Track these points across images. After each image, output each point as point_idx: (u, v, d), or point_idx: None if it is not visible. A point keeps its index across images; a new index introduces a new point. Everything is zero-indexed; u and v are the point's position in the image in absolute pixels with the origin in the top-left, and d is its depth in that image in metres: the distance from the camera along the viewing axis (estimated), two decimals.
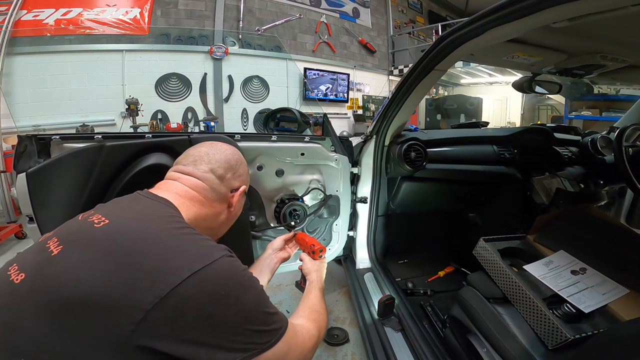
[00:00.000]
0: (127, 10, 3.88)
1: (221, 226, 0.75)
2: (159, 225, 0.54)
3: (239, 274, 0.53)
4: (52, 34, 3.48)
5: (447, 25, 6.20)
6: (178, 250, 0.49)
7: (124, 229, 0.51)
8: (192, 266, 0.47)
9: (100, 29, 3.71)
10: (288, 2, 5.18)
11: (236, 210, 0.76)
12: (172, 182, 0.68)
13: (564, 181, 1.70)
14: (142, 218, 0.55)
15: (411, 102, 1.33)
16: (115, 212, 0.56)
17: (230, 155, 0.74)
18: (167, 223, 0.55)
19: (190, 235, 0.55)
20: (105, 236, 0.50)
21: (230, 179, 0.72)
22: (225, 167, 0.72)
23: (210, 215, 0.69)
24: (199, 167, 0.69)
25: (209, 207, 0.69)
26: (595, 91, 5.16)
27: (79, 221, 0.56)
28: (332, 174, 1.40)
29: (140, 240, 0.49)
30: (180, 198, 0.64)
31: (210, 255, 0.50)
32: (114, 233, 0.50)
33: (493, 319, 0.86)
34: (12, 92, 3.22)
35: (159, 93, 4.08)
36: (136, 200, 0.61)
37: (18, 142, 0.88)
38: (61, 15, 3.53)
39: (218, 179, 0.70)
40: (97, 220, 0.52)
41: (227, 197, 0.72)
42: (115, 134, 1.03)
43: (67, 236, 0.52)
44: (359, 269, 1.59)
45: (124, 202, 0.61)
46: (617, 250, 0.96)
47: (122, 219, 0.54)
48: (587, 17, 0.68)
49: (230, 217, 0.76)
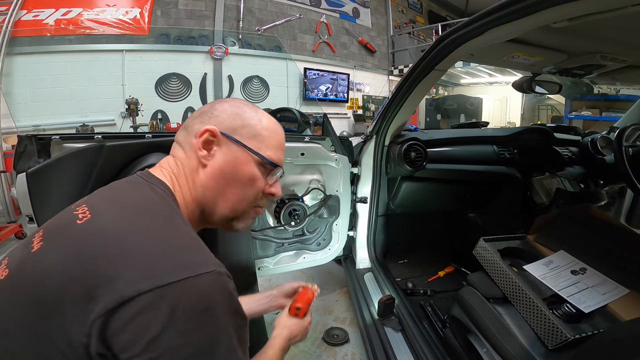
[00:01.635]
0: (127, 10, 3.88)
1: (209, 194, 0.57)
2: (141, 225, 0.46)
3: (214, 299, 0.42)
4: (52, 34, 3.48)
5: (447, 25, 6.20)
6: (151, 259, 0.42)
7: (103, 228, 0.45)
8: (157, 280, 0.39)
9: (100, 29, 3.71)
10: (288, 2, 5.18)
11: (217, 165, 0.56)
12: (168, 157, 0.60)
13: (564, 181, 1.70)
14: (126, 216, 0.48)
15: (411, 102, 1.33)
16: (103, 204, 0.50)
17: (208, 105, 0.60)
18: (152, 220, 0.48)
19: (176, 237, 0.46)
20: (81, 235, 0.45)
21: (199, 123, 0.57)
22: (201, 111, 0.59)
23: (185, 185, 0.56)
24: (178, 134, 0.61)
25: (183, 171, 0.57)
26: (595, 91, 5.16)
27: (66, 213, 0.51)
28: (332, 174, 1.40)
29: (114, 243, 0.43)
30: (173, 177, 0.56)
31: (188, 268, 0.41)
32: (91, 232, 0.45)
33: (493, 319, 0.86)
34: (12, 92, 3.22)
35: (159, 93, 4.08)
36: (132, 187, 0.54)
37: (18, 142, 0.88)
38: (61, 15, 3.53)
39: (192, 120, 0.59)
40: (81, 215, 0.47)
41: (194, 146, 0.56)
42: (115, 134, 1.03)
43: (50, 231, 0.49)
44: (359, 269, 1.59)
45: (119, 189, 0.54)
46: (617, 250, 0.96)
47: (105, 215, 0.48)
48: (587, 17, 0.68)
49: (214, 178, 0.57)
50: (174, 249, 0.44)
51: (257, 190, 0.60)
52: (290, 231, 1.39)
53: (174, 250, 0.44)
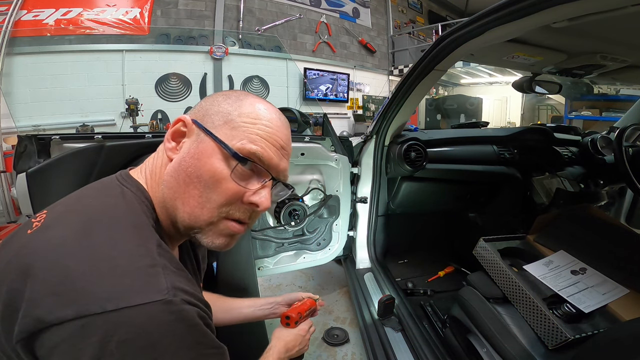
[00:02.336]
0: (127, 10, 3.88)
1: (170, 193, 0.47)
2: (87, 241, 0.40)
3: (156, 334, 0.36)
4: (52, 34, 3.47)
5: (447, 25, 6.20)
6: (81, 282, 0.36)
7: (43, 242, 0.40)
8: (84, 308, 0.34)
9: (100, 29, 3.71)
10: (288, 2, 5.18)
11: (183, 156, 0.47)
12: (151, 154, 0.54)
13: (564, 181, 1.70)
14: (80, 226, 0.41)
15: (411, 102, 1.33)
16: (60, 212, 0.45)
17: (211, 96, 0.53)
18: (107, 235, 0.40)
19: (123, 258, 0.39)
20: (20, 247, 0.41)
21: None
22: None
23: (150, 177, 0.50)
24: None
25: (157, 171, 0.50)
26: (595, 91, 5.16)
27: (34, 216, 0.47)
28: (332, 174, 1.40)
29: (44, 263, 0.38)
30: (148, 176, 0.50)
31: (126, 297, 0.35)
32: (30, 246, 0.41)
33: (493, 319, 0.86)
34: (12, 92, 3.22)
35: (159, 93, 4.08)
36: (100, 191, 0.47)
37: (18, 142, 0.88)
38: (61, 15, 3.53)
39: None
40: (35, 224, 0.44)
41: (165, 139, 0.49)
42: (115, 134, 1.03)
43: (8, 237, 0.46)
44: (359, 269, 1.59)
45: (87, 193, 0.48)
46: (617, 250, 0.96)
47: (55, 225, 0.43)
48: (587, 17, 0.68)
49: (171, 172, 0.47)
50: (113, 273, 0.37)
51: (225, 194, 0.46)
52: (290, 231, 1.39)
53: (113, 275, 0.37)
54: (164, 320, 0.36)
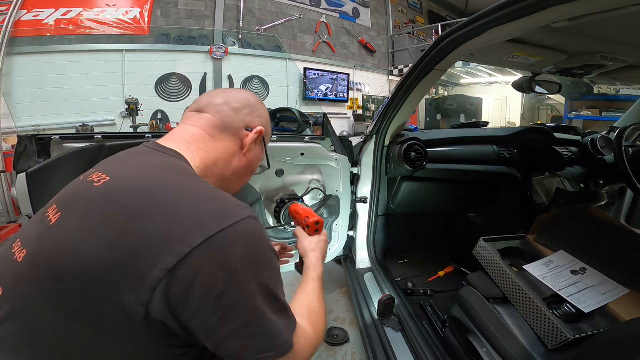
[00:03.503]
0: (127, 10, 3.88)
1: (233, 176, 0.62)
2: (167, 179, 0.45)
3: (260, 242, 0.43)
4: (52, 34, 3.47)
5: (447, 25, 6.20)
6: (191, 209, 0.40)
7: (126, 186, 0.43)
8: (205, 230, 0.38)
9: (100, 29, 3.71)
10: (288, 2, 5.17)
11: (251, 157, 0.64)
12: (181, 126, 0.60)
13: (564, 181, 1.70)
14: (148, 172, 0.47)
15: (411, 102, 1.33)
16: (117, 168, 0.48)
17: (250, 97, 0.65)
18: (176, 175, 0.47)
19: (205, 189, 0.46)
20: (105, 196, 0.42)
21: (247, 115, 0.62)
22: (242, 102, 0.63)
23: (221, 160, 0.59)
24: (211, 101, 0.62)
25: (221, 148, 0.59)
26: (595, 91, 5.15)
27: (79, 182, 0.49)
28: (332, 174, 1.40)
29: (146, 197, 0.41)
30: (186, 144, 0.56)
31: (229, 216, 0.41)
32: (114, 191, 0.42)
33: (493, 319, 0.86)
34: (12, 92, 3.22)
35: (159, 93, 4.08)
36: (141, 153, 0.53)
37: (18, 142, 0.88)
38: (61, 15, 3.53)
39: (232, 111, 0.61)
40: (97, 179, 0.45)
41: (241, 134, 0.61)
42: (115, 134, 1.03)
43: (66, 201, 0.45)
44: (359, 269, 1.59)
45: (128, 156, 0.54)
46: (617, 250, 0.96)
47: (124, 174, 0.46)
48: (587, 17, 0.68)
49: (244, 166, 0.63)
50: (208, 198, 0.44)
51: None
52: (290, 231, 1.39)
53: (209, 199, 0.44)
54: (259, 231, 0.44)
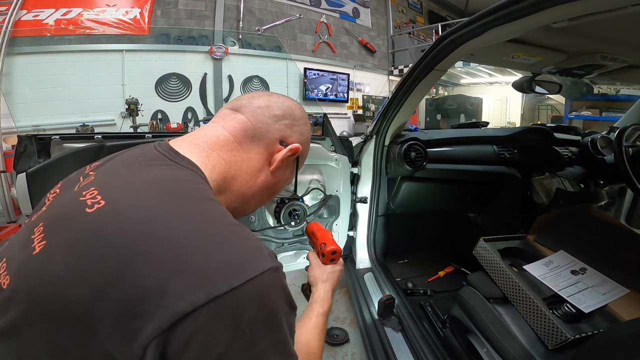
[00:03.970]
0: (127, 10, 3.88)
1: (253, 196, 0.54)
2: (175, 210, 0.37)
3: (276, 301, 0.37)
4: (52, 34, 3.47)
5: (447, 25, 6.20)
6: (197, 259, 0.34)
7: (122, 221, 0.36)
8: (212, 288, 0.32)
9: (100, 29, 3.71)
10: (288, 2, 5.17)
11: (277, 177, 0.56)
12: (212, 125, 0.53)
13: (564, 181, 1.70)
14: (152, 196, 0.39)
15: (411, 102, 1.33)
16: (116, 186, 0.41)
17: (297, 108, 0.57)
18: (187, 204, 0.39)
19: (220, 227, 0.38)
20: (96, 231, 0.35)
21: (285, 126, 0.54)
22: (285, 111, 0.54)
23: (243, 173, 0.51)
24: (252, 102, 0.53)
25: (246, 160, 0.51)
26: (595, 91, 5.16)
27: (71, 197, 0.42)
28: (332, 174, 1.40)
29: (145, 238, 0.34)
30: (208, 150, 0.48)
31: (242, 271, 0.34)
32: (108, 227, 0.36)
33: (493, 319, 0.86)
34: (12, 92, 3.22)
35: (159, 93, 4.08)
36: (149, 162, 0.45)
37: (18, 142, 0.88)
38: (61, 15, 3.53)
39: (270, 117, 0.53)
40: (90, 202, 0.38)
41: (272, 147, 0.53)
42: (115, 134, 1.04)
43: (53, 224, 0.39)
44: (359, 269, 1.59)
45: (132, 164, 0.45)
46: (617, 250, 0.96)
47: (123, 199, 0.38)
48: (587, 17, 0.68)
49: (267, 186, 0.55)
50: (222, 243, 0.36)
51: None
52: (290, 231, 1.39)
53: (222, 245, 0.36)
54: (277, 288, 0.37)
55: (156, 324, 0.31)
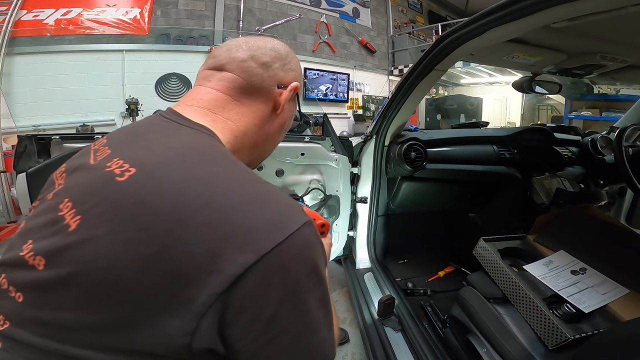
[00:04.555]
0: (127, 10, 3.88)
1: (267, 142, 0.56)
2: (206, 172, 0.37)
3: (315, 254, 0.37)
4: (52, 34, 3.47)
5: (447, 25, 6.20)
6: (239, 219, 0.34)
7: (158, 185, 0.35)
8: (259, 247, 0.32)
9: (100, 29, 3.71)
10: (288, 2, 5.18)
11: (285, 116, 0.56)
12: (199, 89, 0.51)
13: (564, 181, 1.70)
14: (181, 161, 0.38)
15: (411, 102, 1.33)
16: (140, 153, 0.40)
17: (279, 45, 0.55)
18: (215, 165, 0.39)
19: (252, 185, 0.38)
20: (135, 198, 0.34)
21: (278, 70, 0.52)
22: (271, 55, 0.52)
23: (252, 127, 0.51)
24: (234, 55, 0.51)
25: (250, 113, 0.51)
26: (595, 91, 5.16)
27: (91, 167, 0.41)
28: (332, 174, 1.40)
29: (185, 203, 0.33)
30: (211, 114, 0.48)
31: (283, 227, 0.34)
32: (147, 191, 0.35)
33: (493, 319, 0.86)
34: (12, 92, 3.22)
35: (159, 93, 4.08)
36: (163, 129, 0.45)
37: (18, 142, 0.88)
38: (61, 15, 3.53)
39: (261, 67, 0.51)
40: (118, 171, 0.37)
41: (273, 94, 0.52)
42: None
43: (82, 198, 0.37)
44: (359, 269, 1.59)
45: (146, 132, 0.44)
46: (617, 250, 0.96)
47: (152, 165, 0.37)
48: (587, 17, 0.68)
49: (278, 128, 0.56)
50: (259, 202, 0.36)
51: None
52: None
53: (260, 204, 0.36)
54: (315, 240, 0.38)
55: (211, 290, 0.31)
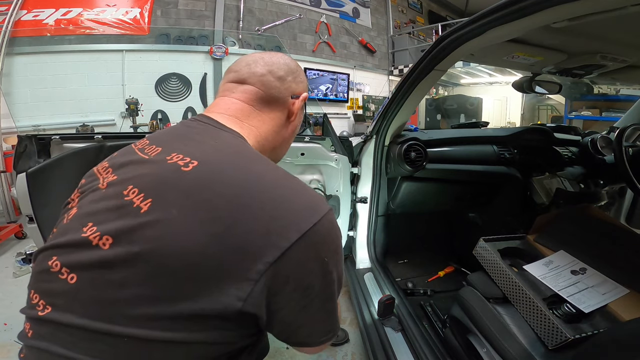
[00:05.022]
0: (127, 10, 3.88)
1: (283, 145, 0.64)
2: (256, 169, 0.44)
3: (338, 234, 0.45)
4: (52, 34, 3.48)
5: (447, 25, 6.20)
6: (285, 204, 0.41)
7: (220, 176, 0.42)
8: (301, 226, 0.39)
9: (100, 29, 3.71)
10: (288, 2, 5.18)
11: (296, 123, 0.64)
12: (225, 99, 0.57)
13: (564, 181, 1.69)
14: (233, 160, 0.45)
15: (411, 102, 1.33)
16: (194, 150, 0.45)
17: (290, 61, 0.62)
18: (257, 163, 0.46)
19: (287, 179, 0.45)
20: (202, 185, 0.40)
21: (291, 82, 0.60)
22: (285, 70, 0.60)
23: (271, 132, 0.58)
24: (253, 70, 0.58)
25: (269, 121, 0.58)
26: (595, 91, 5.16)
27: (148, 160, 0.46)
28: (332, 174, 1.40)
29: (244, 190, 0.40)
30: (239, 121, 0.54)
31: (316, 211, 0.42)
32: (212, 180, 0.41)
33: (493, 319, 0.86)
34: (12, 92, 3.22)
35: (159, 93, 4.08)
36: (206, 132, 0.51)
37: (18, 142, 0.88)
38: (61, 15, 3.53)
39: (278, 80, 0.58)
40: (181, 162, 0.42)
41: (288, 104, 0.60)
42: (115, 134, 1.03)
43: (152, 185, 0.42)
44: (359, 269, 1.59)
45: (193, 137, 0.50)
46: (617, 250, 0.96)
47: (211, 159, 0.44)
48: (587, 17, 0.68)
49: (292, 133, 0.64)
50: (296, 191, 0.44)
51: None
52: None
53: (297, 193, 0.44)
54: (336, 224, 0.45)
55: (266, 259, 0.37)
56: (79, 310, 0.38)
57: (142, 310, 0.37)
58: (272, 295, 0.39)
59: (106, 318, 0.37)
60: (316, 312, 0.44)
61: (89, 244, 0.40)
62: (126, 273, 0.37)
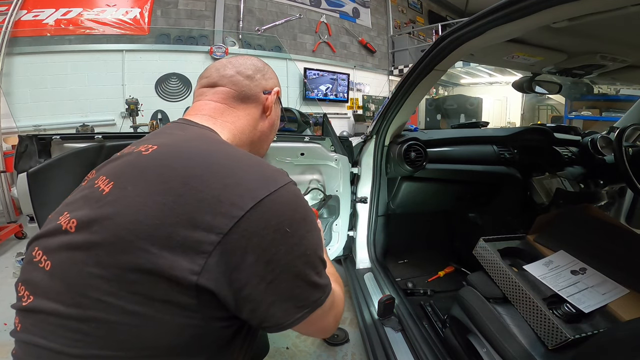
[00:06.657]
0: (127, 10, 3.88)
1: (262, 139, 0.66)
2: (212, 147, 0.47)
3: (304, 206, 0.45)
4: (52, 34, 3.48)
5: (447, 25, 6.20)
6: (239, 174, 0.41)
7: (176, 152, 0.44)
8: (255, 194, 0.39)
9: (100, 29, 3.71)
10: (288, 2, 5.18)
11: (273, 117, 0.67)
12: (199, 103, 0.61)
13: (564, 181, 1.70)
14: (192, 141, 0.48)
15: (411, 102, 1.33)
16: (162, 139, 0.49)
17: (256, 61, 0.66)
18: (218, 144, 0.49)
19: (246, 156, 0.47)
20: (157, 162, 0.43)
21: (260, 79, 0.64)
22: (252, 69, 0.64)
23: (247, 126, 0.61)
24: (223, 73, 0.62)
25: (245, 116, 0.61)
26: (595, 91, 5.16)
27: (120, 155, 0.50)
28: (332, 174, 1.41)
29: (197, 163, 0.42)
30: (212, 118, 0.57)
31: (275, 181, 0.42)
32: (167, 157, 0.43)
33: (493, 319, 0.86)
34: (12, 92, 3.22)
35: (159, 93, 4.08)
36: (178, 127, 0.55)
37: (19, 142, 0.88)
38: (61, 15, 3.53)
39: (247, 79, 0.62)
40: (144, 149, 0.45)
41: (261, 99, 0.63)
42: (115, 134, 1.04)
43: (115, 170, 0.45)
44: (359, 269, 1.59)
45: (165, 129, 0.55)
46: (617, 250, 0.96)
47: (171, 143, 0.47)
48: (587, 17, 0.68)
49: (269, 127, 0.67)
50: (252, 164, 0.45)
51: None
52: None
53: (254, 165, 0.44)
54: (301, 196, 0.46)
55: (218, 229, 0.37)
56: (53, 295, 0.39)
57: (104, 288, 0.37)
58: (232, 269, 0.37)
59: (76, 302, 0.38)
60: (286, 289, 0.41)
61: (60, 229, 0.42)
62: (88, 252, 0.39)
